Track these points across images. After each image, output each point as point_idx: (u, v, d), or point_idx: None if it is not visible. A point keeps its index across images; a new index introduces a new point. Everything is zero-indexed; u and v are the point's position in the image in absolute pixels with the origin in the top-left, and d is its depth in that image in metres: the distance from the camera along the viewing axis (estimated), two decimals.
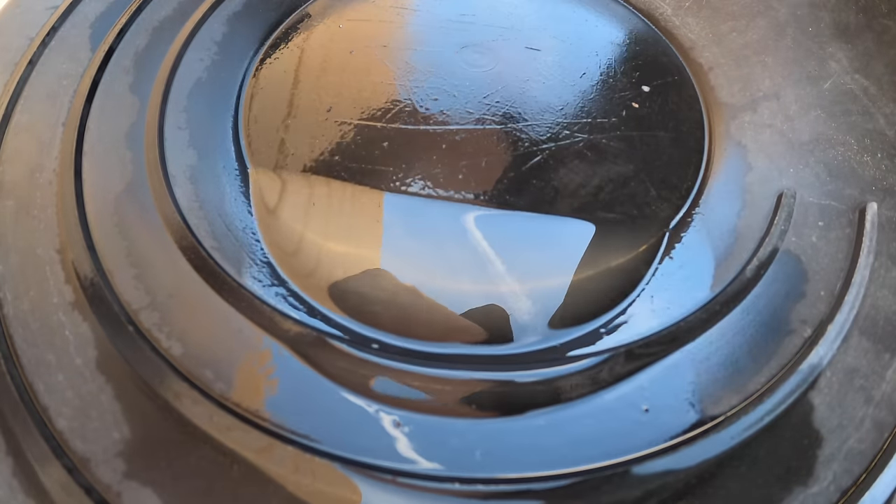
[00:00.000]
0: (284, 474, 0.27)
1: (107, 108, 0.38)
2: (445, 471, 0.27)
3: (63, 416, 0.28)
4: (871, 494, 0.27)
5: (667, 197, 0.36)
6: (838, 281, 0.33)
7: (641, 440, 0.28)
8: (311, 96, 0.40)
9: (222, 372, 0.29)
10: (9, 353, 0.29)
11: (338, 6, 0.45)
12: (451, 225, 0.35)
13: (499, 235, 0.34)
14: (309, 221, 0.34)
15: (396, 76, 0.41)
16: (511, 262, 0.33)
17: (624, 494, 0.27)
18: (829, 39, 0.44)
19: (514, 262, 0.33)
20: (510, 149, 0.38)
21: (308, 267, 0.33)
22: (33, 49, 0.40)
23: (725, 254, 0.34)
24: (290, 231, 0.34)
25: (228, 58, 0.42)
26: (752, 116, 0.40)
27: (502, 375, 0.30)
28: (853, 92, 0.41)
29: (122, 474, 0.26)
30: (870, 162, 0.38)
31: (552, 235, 0.35)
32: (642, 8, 0.46)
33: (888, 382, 0.30)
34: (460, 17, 0.44)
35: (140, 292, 0.31)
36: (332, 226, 0.34)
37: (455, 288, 0.32)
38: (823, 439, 0.28)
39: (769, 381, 0.30)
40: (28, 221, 0.33)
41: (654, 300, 0.32)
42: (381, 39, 0.43)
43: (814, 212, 0.36)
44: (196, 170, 0.36)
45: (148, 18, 0.43)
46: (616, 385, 0.29)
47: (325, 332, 0.31)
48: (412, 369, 0.30)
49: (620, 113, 0.40)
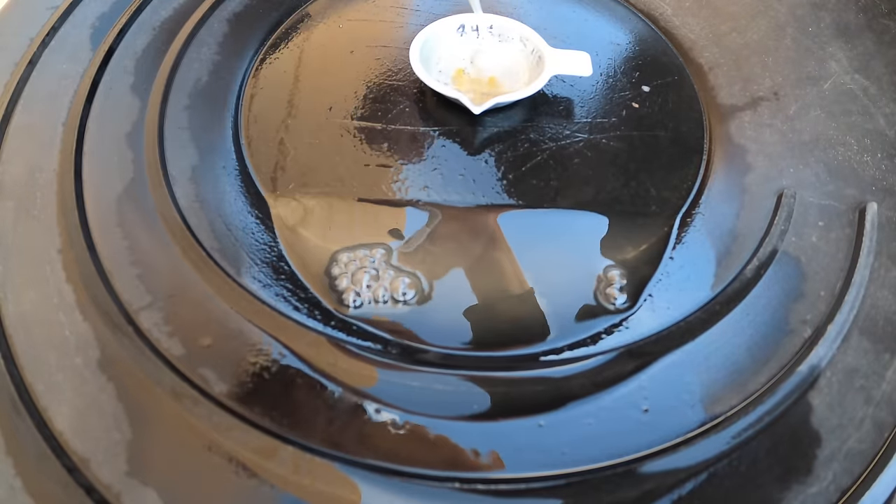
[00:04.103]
0: (284, 474, 0.27)
1: (107, 108, 0.38)
2: (445, 471, 0.27)
3: (63, 416, 0.28)
4: (871, 494, 0.27)
5: (667, 197, 0.36)
6: (838, 281, 0.33)
7: (641, 440, 0.28)
8: (311, 96, 0.40)
9: (222, 372, 0.29)
10: (9, 353, 0.29)
11: (338, 6, 0.45)
12: (451, 225, 0.35)
13: (498, 235, 0.34)
14: (310, 221, 0.34)
15: (396, 76, 0.41)
16: (511, 262, 0.33)
17: (624, 494, 0.27)
18: (829, 39, 0.44)
19: (514, 262, 0.33)
20: (510, 149, 0.38)
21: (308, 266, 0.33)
22: (33, 49, 0.40)
23: (725, 254, 0.34)
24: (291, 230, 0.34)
25: (228, 58, 0.42)
26: (752, 116, 0.40)
27: (502, 376, 0.30)
28: (853, 92, 0.41)
29: (122, 474, 0.26)
30: (870, 162, 0.38)
31: (553, 235, 0.35)
32: (642, 8, 0.46)
33: (888, 382, 0.30)
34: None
35: (140, 292, 0.31)
36: (332, 226, 0.34)
37: (455, 288, 0.32)
38: (823, 439, 0.28)
39: (769, 381, 0.30)
40: (28, 221, 0.33)
41: (654, 300, 0.32)
42: (381, 39, 0.43)
43: (814, 212, 0.36)
44: (196, 170, 0.36)
45: (148, 18, 0.43)
46: (616, 385, 0.29)
47: (324, 332, 0.31)
48: (412, 369, 0.30)
49: (620, 113, 0.40)
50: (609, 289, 0.33)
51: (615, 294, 0.32)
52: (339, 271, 0.32)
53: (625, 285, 0.33)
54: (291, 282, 0.32)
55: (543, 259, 0.34)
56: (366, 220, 0.35)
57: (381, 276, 0.32)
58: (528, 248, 0.34)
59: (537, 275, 0.33)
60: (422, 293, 0.32)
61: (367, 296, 0.32)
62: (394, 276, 0.32)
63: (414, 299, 0.32)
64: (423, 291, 0.32)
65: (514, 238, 0.34)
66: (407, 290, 0.32)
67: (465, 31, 0.41)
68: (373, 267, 0.33)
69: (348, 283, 0.32)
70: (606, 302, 0.32)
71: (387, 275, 0.32)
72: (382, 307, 0.32)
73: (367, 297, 0.32)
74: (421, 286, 0.32)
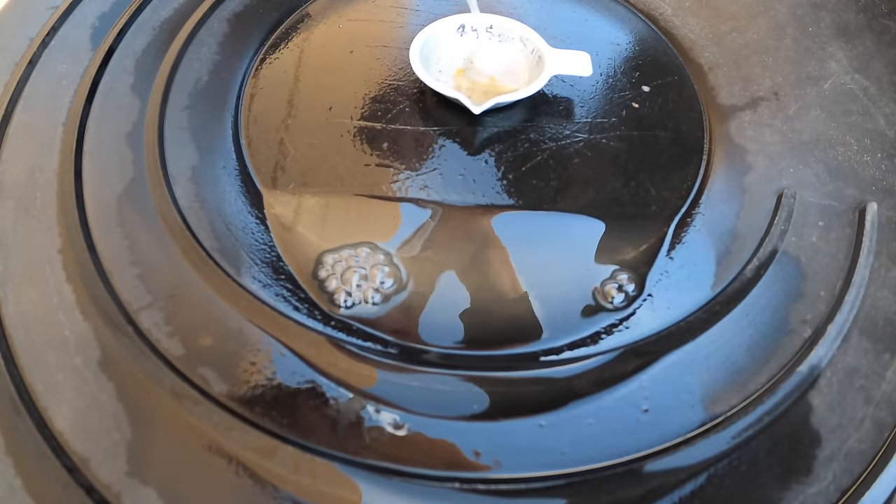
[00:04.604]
0: (284, 474, 0.27)
1: (107, 108, 0.38)
2: (445, 471, 0.27)
3: (63, 416, 0.28)
4: (871, 494, 0.27)
5: (667, 197, 0.36)
6: (838, 281, 0.33)
7: (642, 440, 0.28)
8: (311, 96, 0.40)
9: (222, 372, 0.29)
10: (9, 353, 0.29)
11: (338, 6, 0.45)
12: (451, 224, 0.35)
13: (498, 235, 0.34)
14: (310, 221, 0.34)
15: (396, 76, 0.41)
16: (511, 262, 0.33)
17: (624, 494, 0.27)
18: (829, 39, 0.44)
19: (514, 262, 0.33)
20: (510, 149, 0.38)
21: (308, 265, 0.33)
22: (33, 49, 0.40)
23: (725, 254, 0.34)
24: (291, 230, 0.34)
25: (228, 58, 0.42)
26: (752, 116, 0.40)
27: (502, 376, 0.30)
28: (853, 92, 0.41)
29: (122, 474, 0.26)
30: (870, 162, 0.38)
31: (552, 235, 0.35)
32: (642, 8, 0.46)
33: (888, 382, 0.30)
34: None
35: (140, 292, 0.31)
36: (332, 225, 0.34)
37: (455, 288, 0.32)
38: (823, 439, 0.28)
39: (769, 381, 0.30)
40: (28, 221, 0.33)
41: (654, 300, 0.32)
42: (381, 39, 0.43)
43: (814, 212, 0.36)
44: (196, 170, 0.36)
45: (148, 18, 0.43)
46: (616, 385, 0.29)
47: (324, 332, 0.31)
48: (412, 369, 0.30)
49: (620, 113, 0.40)
50: (609, 288, 0.33)
51: (615, 294, 0.32)
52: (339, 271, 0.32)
53: (625, 285, 0.33)
54: (291, 282, 0.32)
55: (543, 259, 0.34)
56: (366, 220, 0.35)
57: (381, 276, 0.32)
58: (527, 247, 0.34)
59: (537, 274, 0.33)
60: (422, 293, 0.32)
61: (366, 296, 0.32)
62: (394, 275, 0.32)
63: (414, 299, 0.32)
64: (424, 291, 0.32)
65: (514, 238, 0.34)
66: (407, 290, 0.32)
67: (465, 31, 0.41)
68: (373, 267, 0.33)
69: (348, 284, 0.32)
70: (606, 302, 0.32)
71: (387, 274, 0.32)
72: (382, 307, 0.32)
73: (367, 297, 0.32)
74: (421, 286, 0.32)
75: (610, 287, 0.33)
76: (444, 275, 0.33)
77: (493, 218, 0.35)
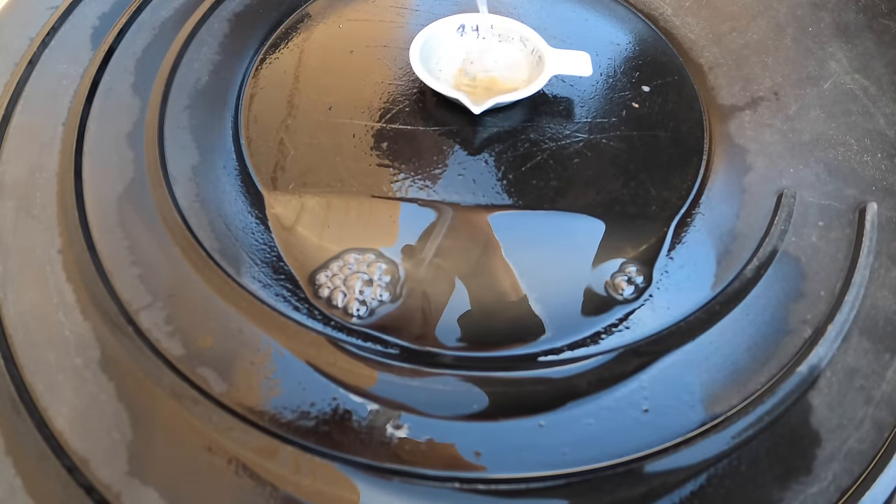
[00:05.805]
0: (284, 474, 0.27)
1: (107, 108, 0.38)
2: (445, 471, 0.27)
3: (63, 416, 0.28)
4: (871, 494, 0.27)
5: (667, 197, 0.36)
6: (838, 281, 0.33)
7: (642, 440, 0.28)
8: (311, 96, 0.40)
9: (222, 372, 0.29)
10: (9, 353, 0.29)
11: (338, 6, 0.45)
12: (450, 224, 0.35)
13: (497, 235, 0.34)
14: (309, 221, 0.34)
15: (396, 76, 0.41)
16: (511, 262, 0.33)
17: (624, 494, 0.27)
18: (829, 39, 0.44)
19: (514, 262, 0.33)
20: (510, 149, 0.38)
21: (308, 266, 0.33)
22: (33, 49, 0.40)
23: (725, 254, 0.34)
24: (291, 230, 0.34)
25: (228, 58, 0.42)
26: (752, 116, 0.40)
27: (502, 376, 0.30)
28: (853, 92, 0.41)
29: (122, 474, 0.26)
30: (870, 162, 0.38)
31: (552, 235, 0.35)
32: (642, 8, 0.46)
33: (888, 382, 0.30)
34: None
35: (140, 292, 0.31)
36: (332, 226, 0.34)
37: (455, 288, 0.32)
38: (823, 439, 0.28)
39: (769, 381, 0.30)
40: (28, 221, 0.33)
41: (654, 300, 0.32)
42: (381, 39, 0.43)
43: (814, 212, 0.36)
44: (196, 170, 0.36)
45: (148, 18, 0.43)
46: (616, 385, 0.29)
47: (324, 332, 0.31)
48: (412, 370, 0.30)
49: (620, 113, 0.40)
50: (609, 288, 0.33)
51: (615, 294, 0.32)
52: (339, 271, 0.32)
53: (624, 285, 0.33)
54: (291, 282, 0.32)
55: (543, 259, 0.34)
56: (366, 220, 0.35)
57: (381, 276, 0.32)
58: (527, 248, 0.34)
59: (537, 275, 0.33)
60: (422, 293, 0.32)
61: (366, 296, 0.32)
62: (394, 276, 0.32)
63: (414, 300, 0.32)
64: (424, 291, 0.32)
65: (514, 238, 0.34)
66: (407, 290, 0.32)
67: (465, 31, 0.41)
68: (373, 267, 0.33)
69: (348, 284, 0.32)
70: (606, 302, 0.32)
71: (386, 274, 0.32)
72: (382, 307, 0.32)
73: (367, 297, 0.32)
74: (421, 286, 0.32)
75: (609, 287, 0.33)
76: (444, 275, 0.33)
77: (492, 218, 0.35)
